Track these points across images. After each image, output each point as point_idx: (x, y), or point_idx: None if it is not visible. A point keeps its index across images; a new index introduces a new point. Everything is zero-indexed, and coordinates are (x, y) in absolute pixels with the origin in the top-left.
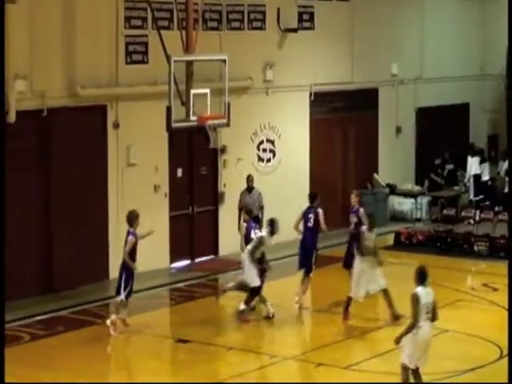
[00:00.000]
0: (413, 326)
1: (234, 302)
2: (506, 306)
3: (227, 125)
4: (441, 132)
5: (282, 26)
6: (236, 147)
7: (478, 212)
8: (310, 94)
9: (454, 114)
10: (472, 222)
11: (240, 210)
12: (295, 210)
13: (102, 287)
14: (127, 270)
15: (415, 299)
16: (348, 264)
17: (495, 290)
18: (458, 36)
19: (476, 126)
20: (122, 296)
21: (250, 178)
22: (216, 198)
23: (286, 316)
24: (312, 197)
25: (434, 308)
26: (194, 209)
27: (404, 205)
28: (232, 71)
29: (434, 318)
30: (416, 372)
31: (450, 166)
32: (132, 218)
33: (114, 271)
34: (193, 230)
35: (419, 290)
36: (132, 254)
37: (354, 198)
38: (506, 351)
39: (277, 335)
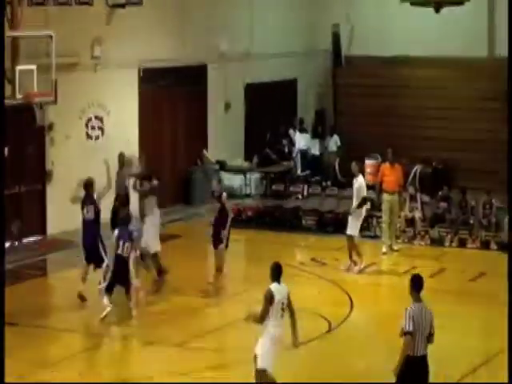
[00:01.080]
0: (259, 322)
1: (65, 283)
2: (335, 279)
3: (54, 102)
4: (270, 108)
5: (109, 1)
6: (64, 125)
7: (306, 187)
8: (139, 70)
9: (283, 90)
10: (300, 196)
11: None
12: None
13: None
14: None
15: (269, 296)
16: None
17: (323, 264)
18: (285, 12)
19: (304, 101)
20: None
21: (120, 156)
22: (43, 177)
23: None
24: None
25: (289, 304)
26: (20, 188)
27: (234, 181)
28: (59, 48)
29: (291, 315)
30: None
31: (281, 142)
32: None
33: None
34: (20, 209)
35: (273, 286)
36: None
37: None
38: (334, 324)
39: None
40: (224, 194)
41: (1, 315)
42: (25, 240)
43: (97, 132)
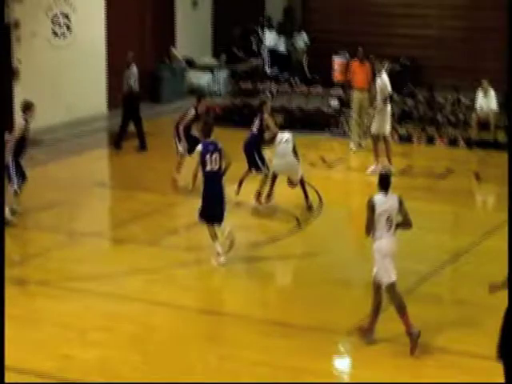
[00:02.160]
0: (366, 234)
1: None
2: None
3: None
4: (238, 5)
5: None
6: (30, 22)
7: (274, 84)
8: None
9: None
10: (269, 94)
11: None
12: (92, 86)
13: None
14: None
15: (370, 206)
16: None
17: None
18: None
19: None
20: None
21: (129, 55)
22: (10, 75)
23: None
24: None
25: (404, 214)
26: None
27: (201, 79)
28: None
29: (406, 222)
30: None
31: (249, 39)
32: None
33: None
34: None
35: (378, 196)
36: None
37: None
38: (302, 221)
39: (75, 213)
40: None
41: (1, 316)
42: None
43: (63, 29)
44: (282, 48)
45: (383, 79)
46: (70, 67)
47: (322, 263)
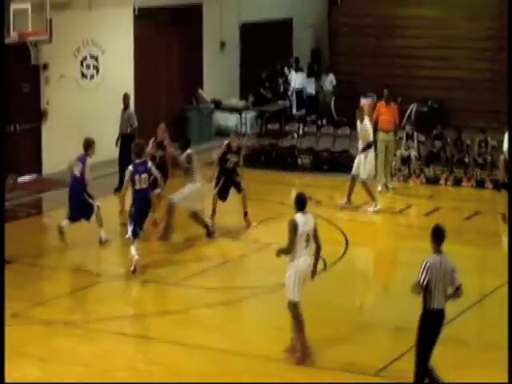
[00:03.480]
0: (286, 252)
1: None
2: (331, 218)
3: (49, 41)
4: (265, 47)
5: None
6: (59, 64)
7: (301, 126)
8: (134, 8)
9: (278, 29)
10: (296, 135)
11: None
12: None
13: None
14: None
15: (292, 226)
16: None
17: (318, 202)
18: None
19: (299, 40)
20: None
21: (125, 97)
22: (39, 116)
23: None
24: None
25: (315, 236)
26: (16, 127)
27: (229, 120)
28: None
29: (316, 246)
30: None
31: (277, 81)
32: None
33: None
34: (15, 148)
35: (298, 216)
36: None
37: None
38: (329, 261)
39: (103, 255)
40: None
41: (1, 316)
42: (20, 179)
43: (92, 71)
44: (309, 90)
45: (365, 124)
46: (97, 108)
47: (345, 304)
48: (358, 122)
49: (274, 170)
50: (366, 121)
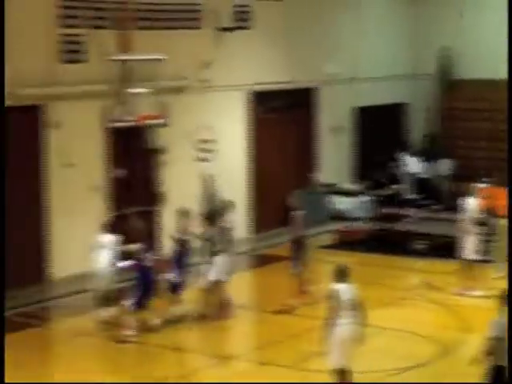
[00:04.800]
0: (329, 323)
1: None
2: (447, 304)
3: (165, 125)
4: (378, 131)
5: (217, 25)
6: (174, 147)
7: (416, 210)
8: (248, 93)
9: (391, 114)
10: (411, 220)
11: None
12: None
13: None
14: None
15: (333, 294)
16: None
17: (436, 288)
18: (393, 37)
19: (412, 125)
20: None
21: (206, 179)
22: (156, 199)
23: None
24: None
25: (357, 305)
26: (132, 210)
27: (344, 204)
28: (169, 70)
29: (359, 316)
30: (344, 372)
31: (391, 165)
32: None
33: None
34: (130, 231)
35: (338, 285)
36: None
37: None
38: (449, 349)
39: (218, 336)
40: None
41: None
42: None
43: (206, 155)
44: (424, 174)
45: (471, 203)
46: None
47: None
48: (469, 201)
49: (389, 255)
50: (474, 200)
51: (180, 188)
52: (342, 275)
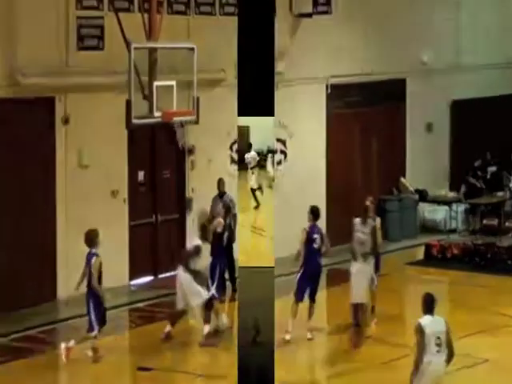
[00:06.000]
0: (418, 360)
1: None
2: None
3: (196, 122)
4: (480, 128)
5: (294, 10)
6: (206, 147)
7: None
8: (327, 86)
9: (496, 108)
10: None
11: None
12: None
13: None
14: (95, 297)
15: (418, 329)
16: None
17: None
18: (498, 19)
19: None
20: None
21: (221, 182)
22: (182, 205)
23: None
24: (315, 213)
25: (448, 340)
26: (157, 217)
27: (436, 213)
28: (203, 62)
29: (449, 353)
30: None
31: (492, 169)
32: (92, 238)
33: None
34: (156, 241)
35: (425, 318)
36: (99, 277)
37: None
38: None
39: None
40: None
41: None
42: (161, 275)
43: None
44: None
45: None
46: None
47: None
48: None
49: (491, 274)
50: None
51: (209, 195)
52: (429, 306)
